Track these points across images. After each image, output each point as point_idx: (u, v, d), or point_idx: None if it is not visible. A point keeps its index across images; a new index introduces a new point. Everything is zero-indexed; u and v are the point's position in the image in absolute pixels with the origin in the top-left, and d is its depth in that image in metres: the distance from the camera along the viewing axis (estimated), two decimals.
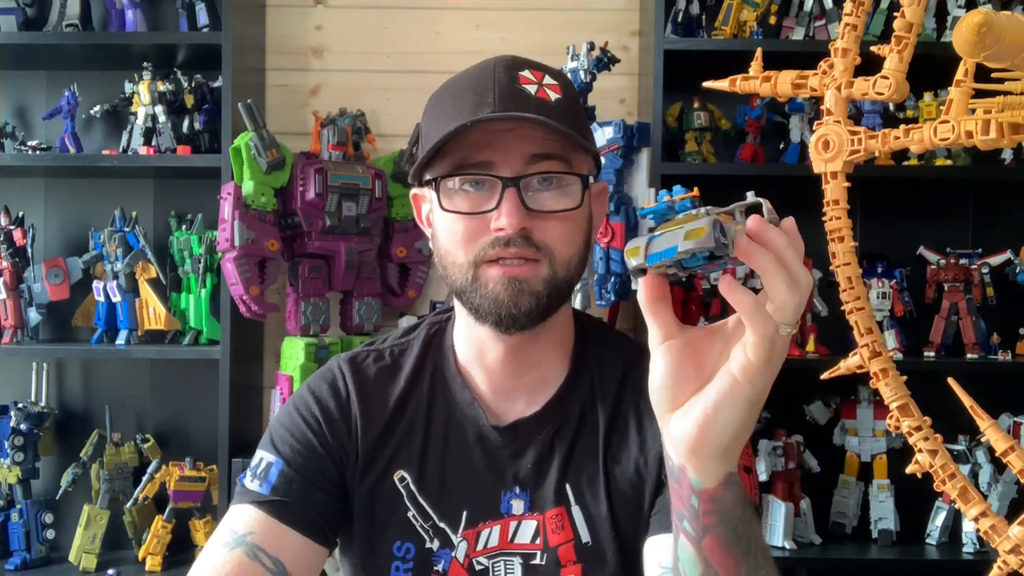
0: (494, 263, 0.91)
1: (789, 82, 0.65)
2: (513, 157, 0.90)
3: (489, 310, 0.92)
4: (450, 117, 0.91)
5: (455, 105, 0.92)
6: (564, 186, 0.93)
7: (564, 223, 0.92)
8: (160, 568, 2.15)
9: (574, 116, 0.94)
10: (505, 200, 0.89)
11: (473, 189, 0.92)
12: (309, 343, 2.05)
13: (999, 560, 0.58)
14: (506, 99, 0.90)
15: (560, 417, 0.99)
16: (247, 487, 0.96)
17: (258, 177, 2.00)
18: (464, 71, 0.97)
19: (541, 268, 0.91)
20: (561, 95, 0.93)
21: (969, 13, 0.47)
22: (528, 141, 0.91)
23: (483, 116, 0.88)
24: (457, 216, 0.92)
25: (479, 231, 0.91)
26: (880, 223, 2.33)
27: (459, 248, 0.92)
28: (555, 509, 0.96)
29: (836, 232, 0.64)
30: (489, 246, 0.90)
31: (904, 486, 2.17)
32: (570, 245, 0.93)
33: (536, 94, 0.92)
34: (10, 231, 2.25)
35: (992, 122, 0.55)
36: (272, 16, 2.38)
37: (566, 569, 0.95)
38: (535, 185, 0.91)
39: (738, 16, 2.18)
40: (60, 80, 2.31)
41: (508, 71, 0.93)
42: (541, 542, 0.96)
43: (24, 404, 2.22)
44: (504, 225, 0.89)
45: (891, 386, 0.62)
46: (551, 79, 0.94)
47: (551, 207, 0.92)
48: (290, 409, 1.02)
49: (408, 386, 1.02)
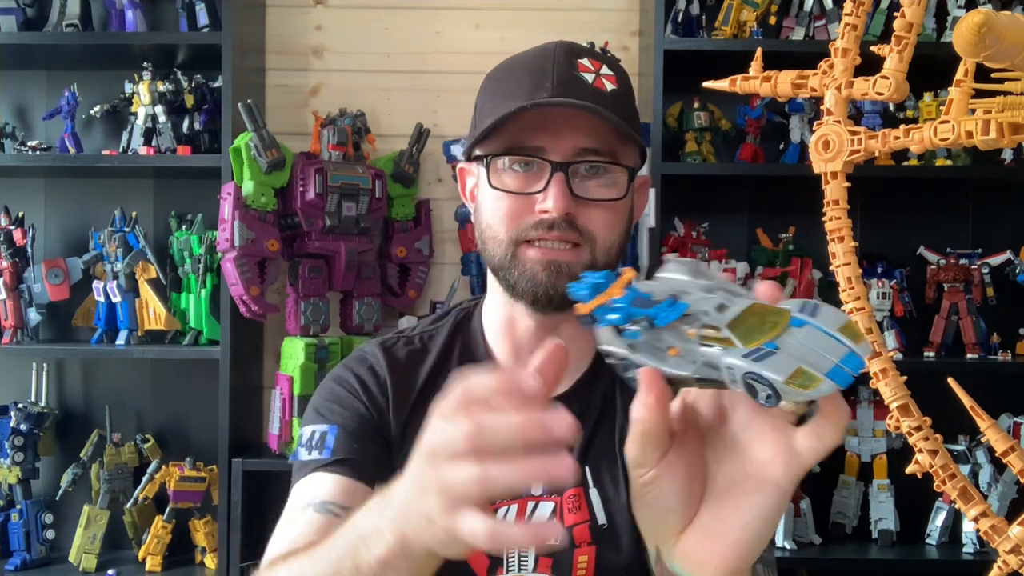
0: (533, 245, 0.93)
1: (789, 82, 0.65)
2: (564, 144, 0.92)
3: (526, 288, 0.94)
4: (507, 96, 0.93)
5: (512, 84, 0.94)
6: (610, 176, 0.95)
7: (608, 212, 0.95)
8: (160, 568, 2.16)
9: (627, 108, 0.96)
10: (553, 184, 0.91)
11: (522, 169, 0.94)
12: (309, 343, 2.05)
13: (999, 560, 0.58)
14: (564, 84, 0.92)
15: (584, 400, 1.00)
16: (305, 460, 0.95)
17: (258, 177, 2.00)
18: (523, 52, 0.99)
19: (583, 254, 0.94)
20: (617, 86, 0.95)
21: (969, 13, 0.47)
22: (580, 131, 0.92)
23: (541, 100, 0.90)
24: (503, 194, 0.94)
25: (523, 211, 0.93)
26: (880, 223, 2.33)
27: (501, 225, 0.94)
28: (572, 490, 0.96)
29: (836, 232, 0.64)
30: (532, 227, 0.93)
31: (904, 486, 2.17)
32: (611, 233, 0.95)
33: (593, 83, 0.94)
34: (10, 231, 2.25)
35: (992, 122, 0.55)
36: (272, 16, 2.38)
37: (580, 550, 0.95)
38: (583, 172, 0.93)
39: (738, 16, 2.18)
40: (60, 80, 2.31)
41: (568, 56, 0.95)
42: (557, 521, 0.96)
43: (24, 404, 2.22)
44: (550, 208, 0.91)
45: (891, 386, 0.62)
46: (608, 69, 0.96)
47: (597, 195, 0.94)
48: (331, 384, 1.02)
49: (436, 366, 1.02)
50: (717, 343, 0.51)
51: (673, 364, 0.53)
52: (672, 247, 2.18)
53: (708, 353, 0.51)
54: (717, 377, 0.50)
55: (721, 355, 0.50)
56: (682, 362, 0.52)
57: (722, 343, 0.51)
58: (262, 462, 2.10)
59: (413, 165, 2.21)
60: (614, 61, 0.98)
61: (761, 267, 2.22)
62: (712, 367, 0.51)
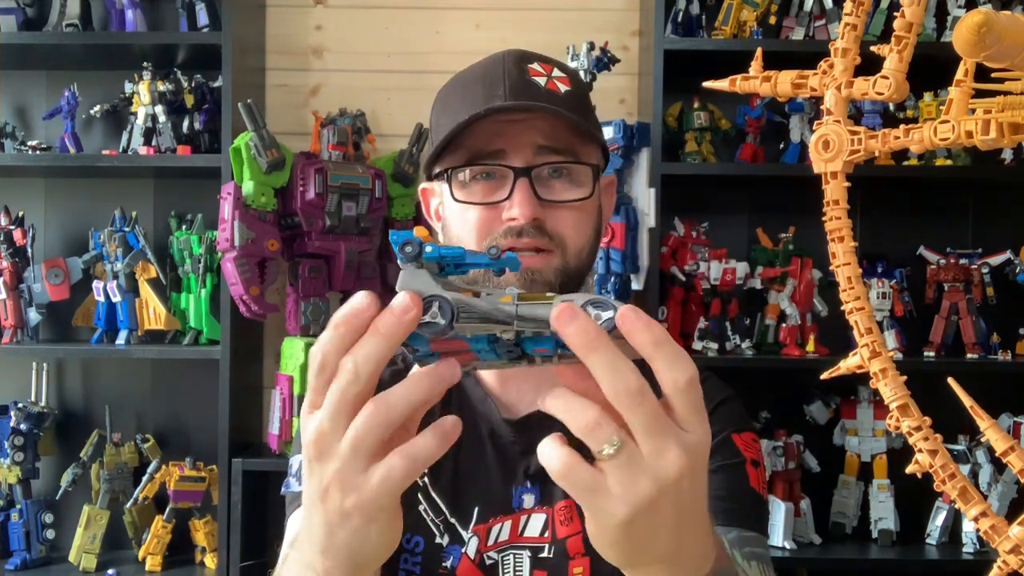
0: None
1: (789, 82, 0.65)
2: (524, 147, 0.91)
3: None
4: (461, 109, 0.92)
5: (465, 97, 0.93)
6: (575, 176, 0.94)
7: (576, 213, 0.94)
8: (160, 568, 2.16)
9: (584, 108, 0.95)
10: (517, 190, 0.90)
11: (484, 179, 0.93)
12: (309, 343, 2.05)
13: (999, 560, 0.58)
14: (517, 90, 0.91)
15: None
16: (297, 491, 0.95)
17: (258, 177, 2.00)
18: (472, 65, 0.98)
19: (553, 259, 0.92)
20: (570, 87, 0.94)
21: (969, 13, 0.47)
22: (538, 132, 0.92)
23: (496, 105, 0.89)
24: (469, 206, 0.93)
25: (492, 221, 0.92)
26: (880, 223, 2.33)
27: (471, 237, 0.93)
28: (564, 501, 0.96)
29: (836, 232, 0.64)
30: (502, 236, 0.91)
31: (904, 486, 2.17)
32: (581, 235, 0.94)
33: (546, 86, 0.93)
34: (10, 231, 2.25)
35: (992, 122, 0.55)
36: (272, 16, 2.37)
37: (574, 561, 0.95)
38: (546, 175, 0.92)
39: (738, 16, 2.18)
40: (60, 80, 2.31)
41: (517, 63, 0.94)
42: (549, 535, 0.96)
43: (24, 404, 2.22)
44: (517, 215, 0.90)
45: (891, 386, 0.62)
46: (560, 72, 0.95)
47: (563, 197, 0.93)
48: None
49: None
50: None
51: (485, 310, 0.52)
52: (672, 247, 2.18)
53: (526, 306, 0.52)
54: (543, 316, 0.51)
55: (542, 305, 0.51)
56: (495, 311, 0.52)
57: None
58: (262, 462, 2.10)
59: (413, 165, 2.21)
60: (564, 64, 0.98)
61: (761, 267, 2.22)
62: (533, 314, 0.51)
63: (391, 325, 0.50)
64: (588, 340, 0.49)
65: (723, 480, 0.94)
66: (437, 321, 0.51)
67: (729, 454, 0.98)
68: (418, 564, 0.97)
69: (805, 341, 2.19)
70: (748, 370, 2.24)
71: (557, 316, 0.50)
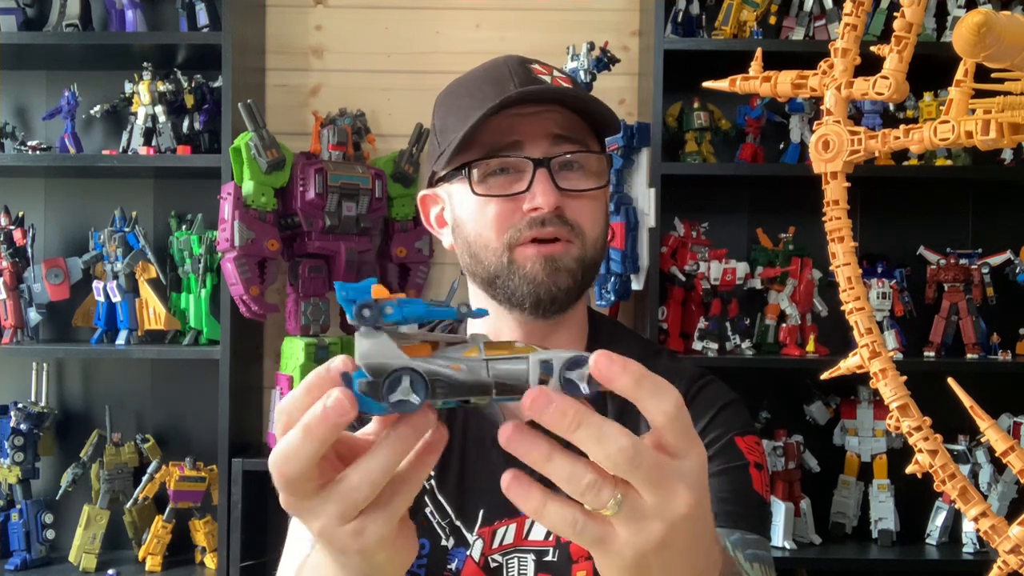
0: (528, 244, 0.93)
1: (789, 82, 0.65)
2: (540, 138, 0.93)
3: (528, 292, 0.93)
4: (471, 108, 0.93)
5: (475, 96, 0.94)
6: (588, 165, 0.96)
7: (592, 202, 0.96)
8: (160, 568, 2.16)
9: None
10: (537, 180, 0.92)
11: (501, 175, 0.94)
12: (309, 343, 2.05)
13: (999, 560, 0.58)
14: (527, 85, 0.93)
15: None
16: None
17: (258, 177, 2.00)
18: (472, 69, 1.00)
19: (573, 247, 0.94)
20: (571, 86, 0.97)
21: (969, 13, 0.47)
22: (552, 122, 0.93)
23: (521, 91, 0.91)
24: (489, 199, 0.94)
25: (512, 214, 0.93)
26: (880, 223, 2.33)
27: (492, 231, 0.94)
28: None
29: (836, 232, 0.64)
30: (525, 227, 0.93)
31: (904, 486, 2.17)
32: (597, 224, 0.96)
33: (551, 83, 0.95)
34: (10, 231, 2.25)
35: (992, 122, 0.55)
36: (272, 16, 2.37)
37: (578, 565, 0.95)
38: (562, 166, 0.94)
39: (738, 16, 2.18)
40: (60, 80, 2.31)
41: (521, 64, 0.97)
42: (554, 538, 0.96)
43: (24, 404, 2.22)
44: (540, 204, 0.91)
45: (891, 386, 0.62)
46: (559, 73, 0.99)
47: (580, 186, 0.94)
48: None
49: None
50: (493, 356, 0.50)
51: (468, 373, 0.50)
52: (672, 247, 2.18)
53: (498, 363, 0.50)
54: (520, 378, 0.50)
55: (514, 361, 0.50)
56: (473, 372, 0.50)
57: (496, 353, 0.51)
58: (262, 462, 2.10)
59: (413, 165, 2.21)
60: (562, 68, 1.01)
61: (761, 267, 2.22)
62: (509, 376, 0.50)
63: (322, 429, 0.51)
64: (568, 422, 0.49)
65: (726, 483, 0.95)
66: (410, 400, 0.49)
67: (732, 457, 0.98)
68: (423, 567, 0.97)
69: (805, 341, 2.19)
70: (748, 370, 2.24)
71: (530, 405, 0.49)
